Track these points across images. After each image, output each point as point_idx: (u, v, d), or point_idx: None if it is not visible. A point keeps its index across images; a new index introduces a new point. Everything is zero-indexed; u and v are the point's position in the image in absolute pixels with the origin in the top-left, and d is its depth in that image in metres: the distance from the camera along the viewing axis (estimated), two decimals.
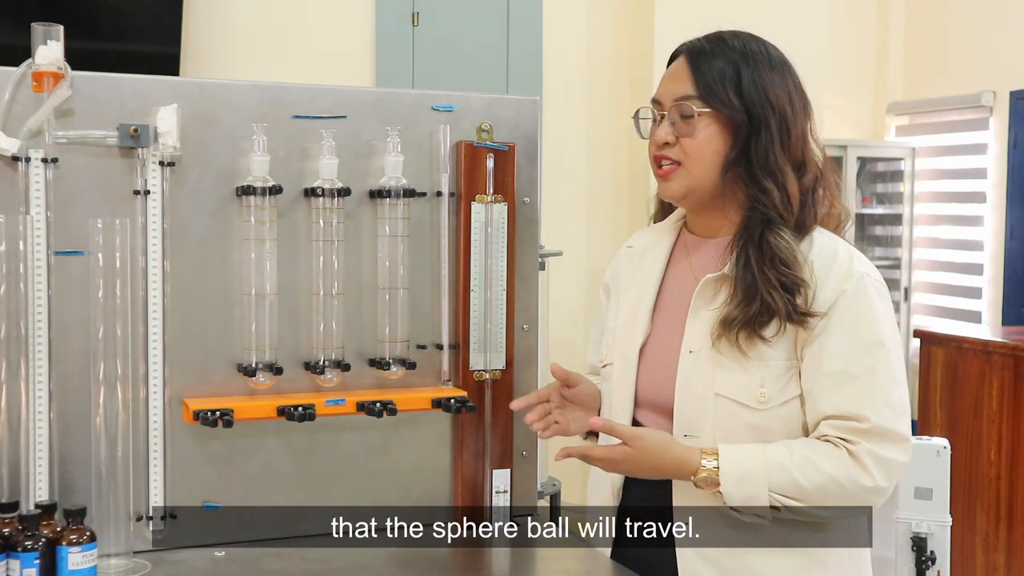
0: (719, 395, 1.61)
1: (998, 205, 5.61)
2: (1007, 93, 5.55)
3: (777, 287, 1.59)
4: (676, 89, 1.67)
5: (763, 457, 1.56)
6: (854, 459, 1.55)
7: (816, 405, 1.59)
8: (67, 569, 1.53)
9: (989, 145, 5.70)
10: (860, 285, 1.60)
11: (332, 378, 1.84)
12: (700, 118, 1.64)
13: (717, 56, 1.66)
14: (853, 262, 1.63)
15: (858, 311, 1.59)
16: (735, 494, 1.56)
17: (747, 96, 1.64)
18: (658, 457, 1.59)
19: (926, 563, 2.87)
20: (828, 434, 1.57)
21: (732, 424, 1.61)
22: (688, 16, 4.83)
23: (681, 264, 1.75)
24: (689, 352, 1.65)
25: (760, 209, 1.63)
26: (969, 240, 5.83)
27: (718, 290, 1.65)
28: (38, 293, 1.66)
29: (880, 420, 1.56)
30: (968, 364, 3.83)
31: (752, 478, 1.55)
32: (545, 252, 3.46)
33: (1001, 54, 5.58)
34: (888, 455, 1.56)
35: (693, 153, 1.65)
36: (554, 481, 3.82)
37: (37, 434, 1.67)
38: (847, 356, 1.58)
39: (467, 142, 1.92)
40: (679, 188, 1.67)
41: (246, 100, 1.81)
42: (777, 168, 1.64)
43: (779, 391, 1.60)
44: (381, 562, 1.79)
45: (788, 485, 1.55)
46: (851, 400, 1.57)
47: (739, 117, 1.63)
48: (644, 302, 1.74)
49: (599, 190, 5.09)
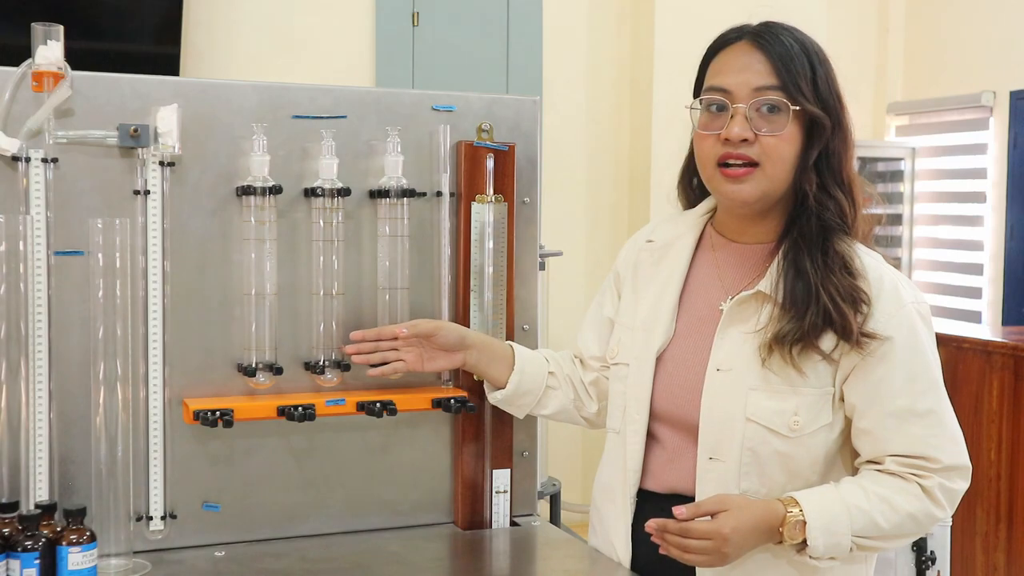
0: (750, 420, 1.55)
1: (998, 205, 5.61)
2: (1007, 93, 5.54)
3: (843, 296, 1.50)
4: (753, 79, 1.52)
5: (842, 502, 1.50)
6: (928, 494, 1.53)
7: (880, 445, 1.54)
8: (67, 569, 1.53)
9: (989, 145, 5.69)
10: (912, 319, 1.54)
11: (332, 378, 1.84)
12: (784, 114, 1.52)
13: (791, 47, 1.53)
14: (899, 290, 1.56)
15: (914, 347, 1.54)
16: (820, 545, 1.49)
17: (823, 95, 1.54)
18: (746, 518, 1.48)
19: (926, 563, 2.87)
20: (894, 470, 1.53)
21: (760, 450, 1.55)
22: (688, 16, 4.84)
23: (707, 267, 1.67)
24: (716, 371, 1.57)
25: (824, 217, 1.53)
26: (969, 240, 5.83)
27: (752, 309, 1.57)
28: (38, 293, 1.66)
29: (949, 459, 1.54)
30: (968, 364, 3.82)
31: (836, 526, 1.49)
32: (545, 252, 3.46)
33: (1001, 54, 5.58)
34: (956, 487, 1.55)
35: (775, 153, 1.52)
36: (554, 481, 3.82)
37: (37, 434, 1.67)
38: (909, 394, 1.53)
39: (467, 142, 1.92)
40: (754, 192, 1.54)
41: (246, 100, 1.81)
42: (847, 176, 1.56)
43: (811, 420, 1.54)
44: (381, 562, 1.79)
45: (868, 528, 1.51)
46: (919, 440, 1.53)
47: (820, 117, 1.52)
48: (666, 304, 1.66)
49: (599, 190, 5.09)
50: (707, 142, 1.57)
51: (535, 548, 1.93)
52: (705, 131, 1.57)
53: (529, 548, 1.93)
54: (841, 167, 1.56)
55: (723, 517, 1.47)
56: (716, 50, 1.61)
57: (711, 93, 1.57)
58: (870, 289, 1.53)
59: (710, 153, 1.57)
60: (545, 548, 1.92)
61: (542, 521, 2.00)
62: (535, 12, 4.82)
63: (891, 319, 1.53)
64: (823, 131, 1.54)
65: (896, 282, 1.57)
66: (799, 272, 1.53)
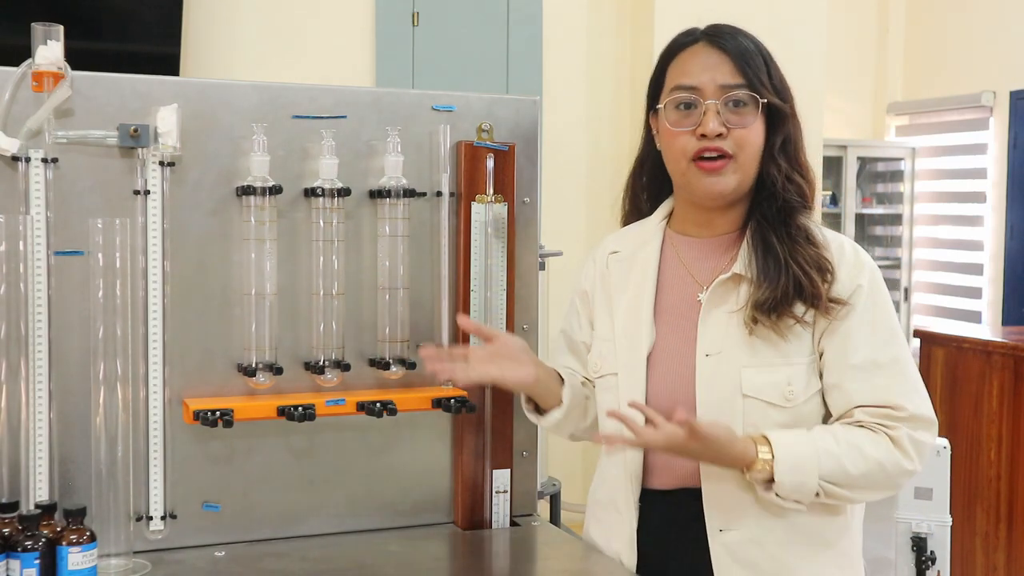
0: (747, 396, 1.59)
1: (998, 205, 5.61)
2: (1007, 93, 5.55)
3: (810, 265, 1.59)
4: (719, 76, 1.61)
5: (812, 444, 1.55)
6: (896, 445, 1.57)
7: (847, 396, 1.60)
8: (67, 569, 1.53)
9: (989, 145, 5.70)
10: (872, 277, 1.63)
11: (332, 378, 1.84)
12: (751, 108, 1.60)
13: (745, 45, 1.63)
14: (858, 253, 1.65)
15: (875, 302, 1.62)
16: (787, 482, 1.54)
17: (778, 88, 1.63)
18: (717, 452, 1.54)
19: (926, 563, 2.87)
20: (863, 420, 1.58)
21: (762, 424, 1.59)
22: (688, 16, 4.80)
23: (674, 267, 1.71)
24: (706, 355, 1.62)
25: (787, 197, 1.62)
26: (969, 240, 5.83)
27: (730, 291, 1.63)
28: (38, 293, 1.66)
29: (915, 408, 1.59)
30: (968, 364, 3.82)
31: (804, 466, 1.54)
32: (545, 252, 3.46)
33: (1001, 54, 5.59)
34: (923, 439, 1.59)
35: (747, 144, 1.61)
36: (554, 481, 3.82)
37: (37, 434, 1.67)
38: (872, 346, 1.60)
39: (467, 142, 1.92)
40: (730, 183, 1.62)
41: (246, 100, 1.81)
42: (802, 159, 1.66)
43: (804, 388, 1.60)
44: (381, 562, 1.79)
45: (836, 472, 1.55)
46: (883, 389, 1.59)
47: (781, 107, 1.62)
48: (643, 308, 1.69)
49: (599, 190, 5.08)
50: (681, 139, 1.62)
51: (535, 548, 1.93)
52: (677, 128, 1.62)
53: (529, 548, 1.93)
54: (798, 152, 1.66)
55: (688, 440, 1.51)
56: (673, 54, 1.69)
57: (680, 92, 1.63)
58: (832, 258, 1.62)
59: (685, 148, 1.62)
60: (545, 548, 1.92)
61: (542, 521, 2.00)
62: (535, 12, 4.82)
63: (853, 281, 1.61)
64: (784, 120, 1.64)
65: (854, 247, 1.67)
66: (768, 247, 1.62)
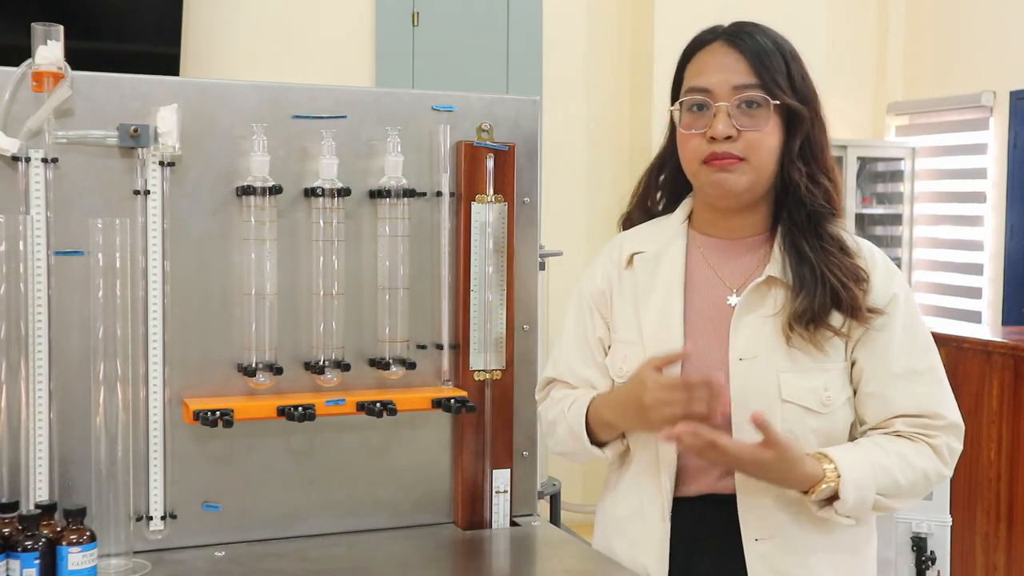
0: (786, 401, 1.57)
1: (998, 205, 5.61)
2: (1007, 93, 5.54)
3: (846, 275, 1.58)
4: (732, 77, 1.57)
5: (868, 459, 1.55)
6: (937, 453, 1.59)
7: (888, 405, 1.60)
8: (67, 569, 1.53)
9: (989, 145, 5.69)
10: (904, 284, 1.64)
11: (332, 378, 1.84)
12: (765, 109, 1.57)
13: (764, 44, 1.59)
14: (887, 260, 1.66)
15: (910, 311, 1.63)
16: (851, 500, 1.52)
17: (799, 88, 1.60)
18: (790, 470, 1.51)
19: (926, 563, 2.87)
20: (901, 430, 1.59)
21: (798, 430, 1.57)
22: (688, 16, 4.81)
23: (701, 268, 1.67)
24: (739, 360, 1.59)
25: (812, 203, 1.60)
26: (969, 240, 5.83)
27: (764, 294, 1.61)
28: (38, 293, 1.66)
29: (953, 416, 1.61)
30: (968, 364, 3.82)
31: (865, 482, 1.53)
32: (545, 252, 3.46)
33: (1001, 54, 5.58)
34: (958, 447, 1.62)
35: (759, 147, 1.57)
36: (554, 481, 3.82)
37: (37, 434, 1.67)
38: (911, 355, 1.60)
39: (467, 142, 1.92)
40: (740, 181, 1.59)
41: (246, 100, 1.81)
42: (828, 163, 1.64)
43: (838, 394, 1.60)
44: (381, 562, 1.79)
45: (890, 485, 1.55)
46: (924, 397, 1.60)
47: (798, 109, 1.59)
48: (672, 311, 1.65)
49: (599, 190, 5.09)
50: (692, 141, 1.61)
51: (535, 548, 1.93)
52: (689, 131, 1.61)
53: (529, 548, 1.93)
54: (823, 156, 1.64)
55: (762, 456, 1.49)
56: (692, 53, 1.66)
57: (692, 93, 1.61)
58: (866, 265, 1.62)
59: (696, 151, 1.61)
60: (545, 548, 1.92)
61: (542, 521, 2.00)
62: (535, 12, 4.82)
63: (887, 289, 1.61)
64: (802, 122, 1.61)
65: (884, 256, 1.67)
66: (801, 256, 1.60)
